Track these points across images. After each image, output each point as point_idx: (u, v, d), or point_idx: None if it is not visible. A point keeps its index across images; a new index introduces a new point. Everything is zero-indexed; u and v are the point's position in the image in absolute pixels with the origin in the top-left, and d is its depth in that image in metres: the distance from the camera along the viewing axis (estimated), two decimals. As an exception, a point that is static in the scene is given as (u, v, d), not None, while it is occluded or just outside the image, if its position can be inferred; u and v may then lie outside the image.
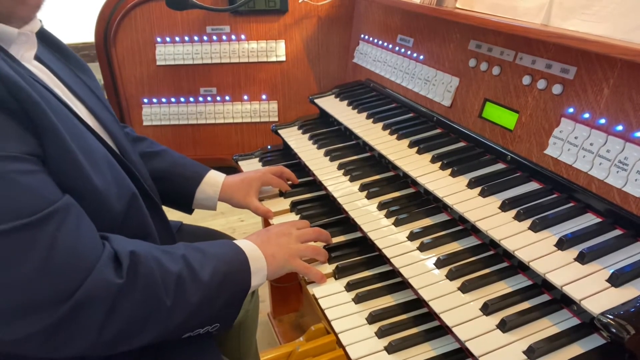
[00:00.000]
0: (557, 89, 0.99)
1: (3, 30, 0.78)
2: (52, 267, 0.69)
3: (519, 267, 0.91)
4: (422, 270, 0.93)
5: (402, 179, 1.22)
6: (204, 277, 0.85)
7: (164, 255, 0.84)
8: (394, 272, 1.00)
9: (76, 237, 0.73)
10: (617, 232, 0.84)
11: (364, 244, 1.12)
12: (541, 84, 1.02)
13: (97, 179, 0.79)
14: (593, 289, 0.74)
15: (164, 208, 1.15)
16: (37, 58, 0.89)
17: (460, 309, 0.84)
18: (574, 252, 0.81)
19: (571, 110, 0.96)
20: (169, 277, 0.81)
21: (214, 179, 1.26)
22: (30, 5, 0.81)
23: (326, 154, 1.38)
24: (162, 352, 0.90)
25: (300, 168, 1.45)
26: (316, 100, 1.63)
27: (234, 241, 0.98)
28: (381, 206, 1.12)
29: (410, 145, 1.22)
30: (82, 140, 0.80)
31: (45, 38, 0.97)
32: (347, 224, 1.21)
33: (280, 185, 1.32)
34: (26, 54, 0.85)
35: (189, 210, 1.28)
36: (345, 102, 1.54)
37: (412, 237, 1.01)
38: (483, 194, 0.99)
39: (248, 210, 1.27)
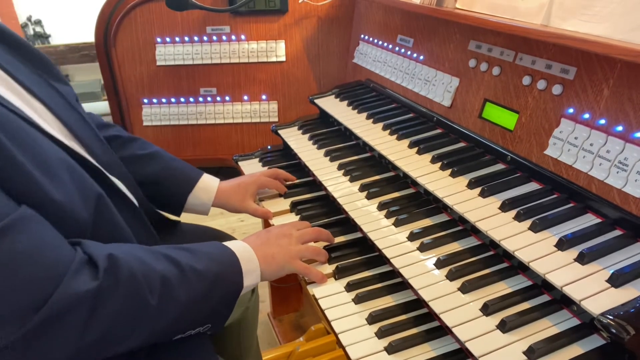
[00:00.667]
0: (557, 89, 0.99)
1: None
2: (15, 281, 0.66)
3: (519, 267, 0.91)
4: (422, 271, 0.93)
5: (402, 179, 1.22)
6: (193, 277, 0.83)
7: (147, 254, 0.81)
8: (394, 273, 1.00)
9: (38, 248, 0.69)
10: (617, 232, 0.84)
11: (364, 244, 1.12)
12: (541, 84, 1.02)
13: (56, 190, 0.74)
14: (593, 289, 0.74)
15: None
16: None
17: (460, 310, 0.84)
18: (574, 252, 0.81)
19: (571, 110, 0.96)
20: (152, 276, 0.78)
21: (208, 184, 1.24)
22: None
23: (326, 154, 1.38)
24: (155, 352, 0.89)
25: (300, 168, 1.45)
26: (316, 101, 1.63)
27: (226, 242, 0.96)
28: (381, 206, 1.12)
29: (410, 146, 1.22)
30: (33, 148, 0.75)
31: None
32: (347, 224, 1.21)
33: (277, 187, 1.32)
34: None
35: (178, 213, 1.25)
36: (345, 102, 1.54)
37: (412, 237, 1.01)
38: (483, 194, 0.99)
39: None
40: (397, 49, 1.49)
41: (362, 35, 1.67)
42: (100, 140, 1.01)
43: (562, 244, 0.82)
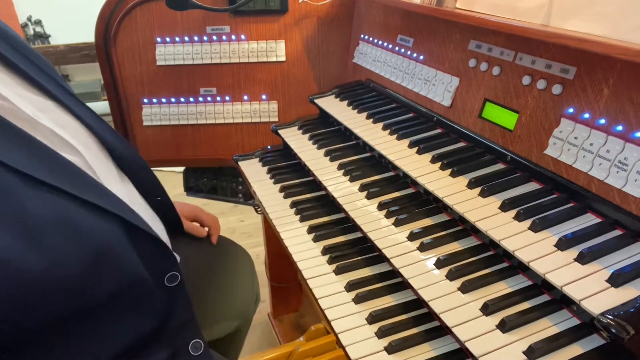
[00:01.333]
0: (556, 89, 0.99)
1: None
2: None
3: (519, 267, 0.91)
4: (422, 271, 0.93)
5: (402, 179, 1.22)
6: None
7: None
8: (394, 273, 1.00)
9: None
10: (617, 232, 0.84)
11: (364, 244, 1.12)
12: (541, 84, 1.02)
13: (36, 256, 0.61)
14: (593, 289, 0.74)
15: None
16: None
17: (460, 309, 0.84)
18: (574, 252, 0.81)
19: (571, 110, 0.96)
20: None
21: None
22: None
23: (326, 154, 1.38)
24: None
25: (300, 168, 1.46)
26: (316, 100, 1.63)
27: None
28: (381, 206, 1.13)
29: (410, 145, 1.22)
30: (12, 212, 0.61)
31: None
32: (347, 224, 1.21)
33: (196, 232, 1.33)
34: None
35: None
36: (345, 102, 1.54)
37: (412, 237, 1.01)
38: (483, 194, 0.99)
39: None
40: (397, 48, 1.49)
41: (362, 35, 1.67)
42: (116, 134, 0.97)
43: (562, 244, 0.82)
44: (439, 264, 0.94)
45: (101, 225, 0.72)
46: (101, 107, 4.30)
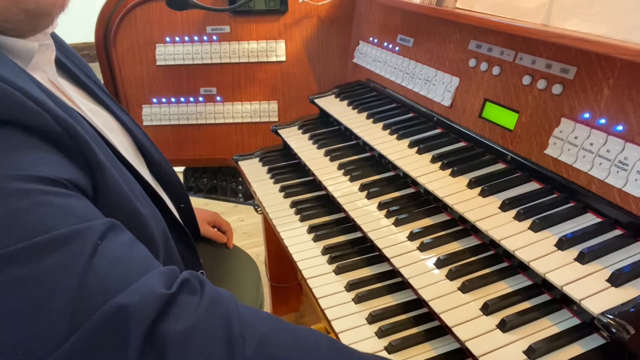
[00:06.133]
0: (557, 89, 0.99)
1: (27, 47, 0.69)
2: (92, 276, 0.53)
3: (519, 267, 0.91)
4: (422, 270, 0.93)
5: (402, 179, 1.22)
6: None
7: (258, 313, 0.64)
8: (394, 272, 1.00)
9: (126, 251, 0.58)
10: (617, 232, 0.84)
11: (364, 244, 1.12)
12: (541, 84, 1.02)
13: (143, 209, 0.74)
14: (593, 288, 0.74)
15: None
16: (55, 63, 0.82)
17: (460, 309, 0.84)
18: (574, 252, 0.81)
19: (571, 110, 0.96)
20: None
21: None
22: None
23: (326, 154, 1.38)
24: None
25: (300, 168, 1.46)
26: (316, 100, 1.63)
27: None
28: (381, 206, 1.13)
29: (410, 145, 1.22)
30: (122, 174, 0.74)
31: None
32: (347, 224, 1.21)
33: (216, 237, 1.36)
34: (49, 69, 0.78)
35: None
36: (345, 102, 1.54)
37: (412, 237, 1.01)
38: (483, 194, 0.99)
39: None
40: (397, 48, 1.49)
41: (362, 35, 1.67)
42: (151, 141, 1.03)
43: (562, 244, 0.82)
44: (439, 264, 0.94)
45: (158, 213, 0.85)
46: (101, 107, 4.31)
